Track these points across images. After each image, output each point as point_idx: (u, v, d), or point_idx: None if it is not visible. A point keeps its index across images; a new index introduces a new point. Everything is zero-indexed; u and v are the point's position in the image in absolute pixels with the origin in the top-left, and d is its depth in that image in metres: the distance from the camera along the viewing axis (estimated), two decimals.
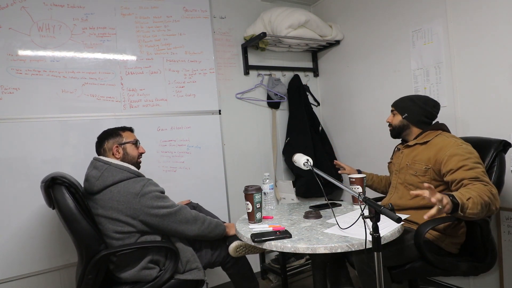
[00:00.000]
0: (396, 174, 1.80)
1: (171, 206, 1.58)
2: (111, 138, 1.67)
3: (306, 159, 1.58)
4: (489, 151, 1.62)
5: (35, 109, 1.95)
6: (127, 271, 1.53)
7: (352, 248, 1.24)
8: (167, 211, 1.56)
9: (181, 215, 1.59)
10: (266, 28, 2.56)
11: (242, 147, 2.67)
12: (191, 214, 1.63)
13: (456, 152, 1.52)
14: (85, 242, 1.48)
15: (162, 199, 1.57)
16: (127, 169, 1.59)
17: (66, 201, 1.46)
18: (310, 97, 2.92)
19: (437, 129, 1.71)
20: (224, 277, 2.34)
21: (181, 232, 1.60)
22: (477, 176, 1.43)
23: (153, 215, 1.53)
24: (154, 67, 2.30)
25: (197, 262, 1.65)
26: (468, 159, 1.49)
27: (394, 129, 1.82)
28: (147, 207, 1.52)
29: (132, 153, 1.70)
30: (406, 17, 2.26)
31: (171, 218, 1.56)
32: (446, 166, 1.52)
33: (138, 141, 1.75)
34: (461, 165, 1.48)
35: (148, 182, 1.58)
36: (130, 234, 1.53)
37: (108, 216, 1.51)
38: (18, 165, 1.90)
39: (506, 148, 1.64)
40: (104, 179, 1.54)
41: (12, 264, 1.87)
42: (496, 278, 1.93)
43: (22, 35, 1.93)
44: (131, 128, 1.78)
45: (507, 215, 1.86)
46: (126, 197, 1.51)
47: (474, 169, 1.45)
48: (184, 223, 1.59)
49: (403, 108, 1.77)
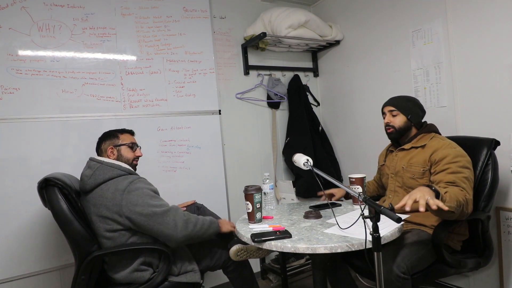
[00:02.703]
0: (392, 177, 1.78)
1: (159, 205, 1.49)
2: (108, 140, 1.67)
3: (306, 159, 1.58)
4: (483, 150, 1.68)
5: (35, 109, 1.95)
6: (119, 272, 1.52)
7: (352, 248, 1.24)
8: (152, 210, 1.46)
9: (169, 217, 1.48)
10: (266, 28, 2.56)
11: (242, 147, 2.67)
12: (182, 218, 1.51)
13: (446, 154, 1.55)
14: (77, 243, 1.48)
15: (150, 197, 1.50)
16: (118, 167, 1.57)
17: (59, 203, 1.46)
18: (310, 97, 2.92)
19: (430, 131, 1.73)
20: (222, 279, 2.34)
21: (169, 235, 1.48)
22: (454, 181, 1.47)
23: (138, 213, 1.46)
24: (154, 67, 2.30)
25: (193, 264, 1.62)
26: (455, 162, 1.52)
27: (398, 131, 1.73)
28: (131, 203, 1.46)
29: (126, 155, 1.67)
30: (406, 17, 2.26)
31: (157, 218, 1.46)
32: (435, 167, 1.57)
33: (136, 145, 1.73)
34: (445, 168, 1.52)
35: (137, 179, 1.54)
36: (120, 232, 1.50)
37: (99, 214, 1.50)
38: (18, 165, 1.90)
39: (496, 146, 1.70)
40: (96, 177, 1.53)
41: (12, 264, 1.87)
42: (496, 278, 1.93)
43: (22, 35, 1.93)
44: (131, 131, 1.76)
45: (507, 215, 1.86)
46: (114, 194, 1.48)
47: (456, 174, 1.49)
48: (172, 227, 1.48)
49: (406, 108, 1.72)
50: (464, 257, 1.61)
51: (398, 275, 1.36)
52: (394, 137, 1.78)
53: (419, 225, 1.64)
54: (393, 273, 1.37)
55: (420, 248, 1.49)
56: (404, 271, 1.37)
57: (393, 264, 1.39)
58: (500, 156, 1.79)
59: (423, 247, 1.50)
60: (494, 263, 1.93)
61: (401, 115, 1.73)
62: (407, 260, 1.42)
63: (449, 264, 1.52)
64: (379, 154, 2.00)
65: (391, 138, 1.80)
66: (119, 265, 1.52)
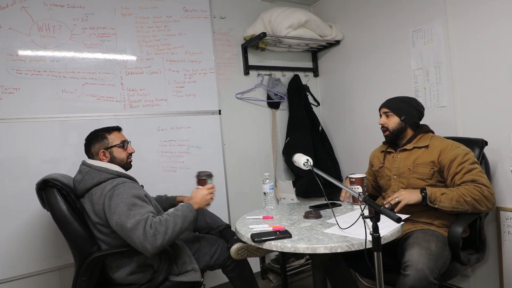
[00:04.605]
0: (395, 178, 1.76)
1: (132, 216, 1.37)
2: (97, 142, 1.61)
3: (306, 159, 1.58)
4: (475, 150, 1.73)
5: (35, 109, 1.95)
6: (119, 273, 1.51)
7: (352, 248, 1.24)
8: (123, 222, 1.37)
9: (138, 230, 1.35)
10: (266, 28, 2.56)
11: (242, 147, 2.67)
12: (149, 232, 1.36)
13: (455, 155, 1.59)
14: (77, 244, 1.48)
15: (128, 206, 1.40)
16: (105, 170, 1.52)
17: (58, 204, 1.46)
18: (310, 97, 2.92)
19: (427, 132, 1.75)
20: (222, 278, 2.34)
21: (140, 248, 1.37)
22: (473, 179, 1.53)
23: (114, 222, 1.39)
24: (154, 67, 2.30)
25: (194, 263, 1.61)
26: (466, 161, 1.56)
27: (392, 133, 1.75)
28: (110, 210, 1.40)
29: (119, 156, 1.63)
30: (406, 17, 2.26)
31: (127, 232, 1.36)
32: (448, 172, 1.60)
33: (126, 142, 1.67)
34: (459, 170, 1.56)
35: (122, 184, 1.46)
36: (112, 235, 1.47)
37: (90, 219, 1.49)
38: (18, 165, 1.90)
39: (484, 146, 1.75)
40: (85, 182, 1.50)
41: (12, 264, 1.87)
42: (496, 278, 1.93)
43: (22, 35, 1.93)
44: (117, 127, 1.70)
45: (507, 215, 1.86)
46: (99, 199, 1.45)
47: (471, 171, 1.54)
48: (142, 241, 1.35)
49: (400, 109, 1.73)
50: (468, 254, 1.66)
51: (431, 282, 1.31)
52: (390, 139, 1.78)
53: (426, 224, 1.63)
54: (427, 279, 1.31)
55: (445, 251, 1.48)
56: (436, 276, 1.34)
57: (426, 269, 1.33)
58: (499, 156, 1.79)
59: (444, 248, 1.49)
60: (494, 262, 1.93)
61: (394, 116, 1.74)
62: (439, 265, 1.39)
63: (462, 262, 1.55)
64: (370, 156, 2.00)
65: (387, 140, 1.81)
66: (119, 266, 1.51)
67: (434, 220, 1.62)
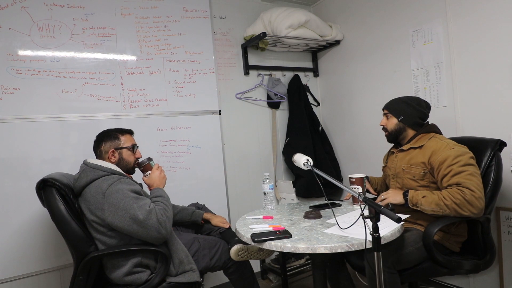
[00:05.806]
0: (393, 178, 1.78)
1: (140, 208, 1.42)
2: (108, 141, 1.63)
3: (306, 159, 1.58)
4: (487, 150, 1.65)
5: (35, 109, 1.95)
6: (116, 273, 1.50)
7: (352, 248, 1.25)
8: (134, 215, 1.40)
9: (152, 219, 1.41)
10: (266, 28, 2.56)
11: (242, 147, 2.67)
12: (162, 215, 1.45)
13: (446, 157, 1.55)
14: (74, 243, 1.48)
15: (132, 200, 1.43)
16: (99, 168, 1.52)
17: (56, 203, 1.46)
18: (310, 97, 2.92)
19: (430, 131, 1.72)
20: (222, 279, 2.34)
21: (157, 237, 1.43)
22: (459, 182, 1.49)
23: (120, 217, 1.41)
24: (154, 67, 2.30)
25: (192, 263, 1.58)
26: (456, 163, 1.52)
27: (391, 134, 1.76)
28: (113, 207, 1.42)
29: (128, 158, 1.65)
30: (406, 17, 2.26)
31: (140, 223, 1.41)
32: (437, 174, 1.57)
33: (136, 146, 1.70)
34: (448, 172, 1.53)
35: (118, 180, 1.48)
36: (108, 234, 1.48)
37: (87, 217, 1.49)
38: (18, 165, 1.90)
39: (502, 147, 1.67)
40: (80, 180, 1.51)
41: (12, 264, 1.87)
42: (496, 278, 1.93)
43: (22, 35, 1.93)
44: (131, 131, 1.73)
45: (507, 215, 1.86)
46: (94, 197, 1.45)
47: (459, 174, 1.50)
48: (157, 228, 1.42)
49: (398, 110, 1.73)
50: (460, 259, 1.59)
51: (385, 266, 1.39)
52: (390, 140, 1.80)
53: (415, 224, 1.65)
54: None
55: (408, 245, 1.52)
56: (388, 265, 1.42)
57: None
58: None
59: (412, 244, 1.52)
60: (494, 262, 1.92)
61: (393, 117, 1.74)
62: (391, 255, 1.45)
63: (440, 264, 1.52)
64: (381, 154, 2.01)
65: (388, 141, 1.82)
66: (115, 266, 1.50)
67: (418, 219, 1.64)
